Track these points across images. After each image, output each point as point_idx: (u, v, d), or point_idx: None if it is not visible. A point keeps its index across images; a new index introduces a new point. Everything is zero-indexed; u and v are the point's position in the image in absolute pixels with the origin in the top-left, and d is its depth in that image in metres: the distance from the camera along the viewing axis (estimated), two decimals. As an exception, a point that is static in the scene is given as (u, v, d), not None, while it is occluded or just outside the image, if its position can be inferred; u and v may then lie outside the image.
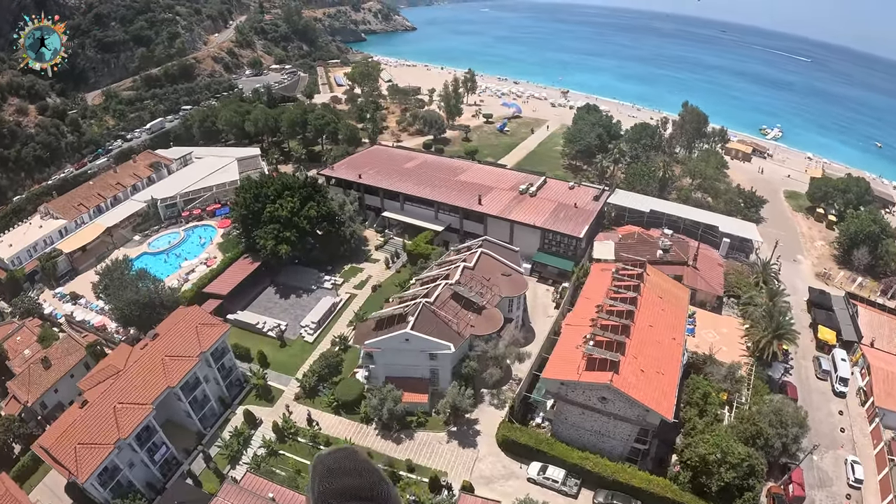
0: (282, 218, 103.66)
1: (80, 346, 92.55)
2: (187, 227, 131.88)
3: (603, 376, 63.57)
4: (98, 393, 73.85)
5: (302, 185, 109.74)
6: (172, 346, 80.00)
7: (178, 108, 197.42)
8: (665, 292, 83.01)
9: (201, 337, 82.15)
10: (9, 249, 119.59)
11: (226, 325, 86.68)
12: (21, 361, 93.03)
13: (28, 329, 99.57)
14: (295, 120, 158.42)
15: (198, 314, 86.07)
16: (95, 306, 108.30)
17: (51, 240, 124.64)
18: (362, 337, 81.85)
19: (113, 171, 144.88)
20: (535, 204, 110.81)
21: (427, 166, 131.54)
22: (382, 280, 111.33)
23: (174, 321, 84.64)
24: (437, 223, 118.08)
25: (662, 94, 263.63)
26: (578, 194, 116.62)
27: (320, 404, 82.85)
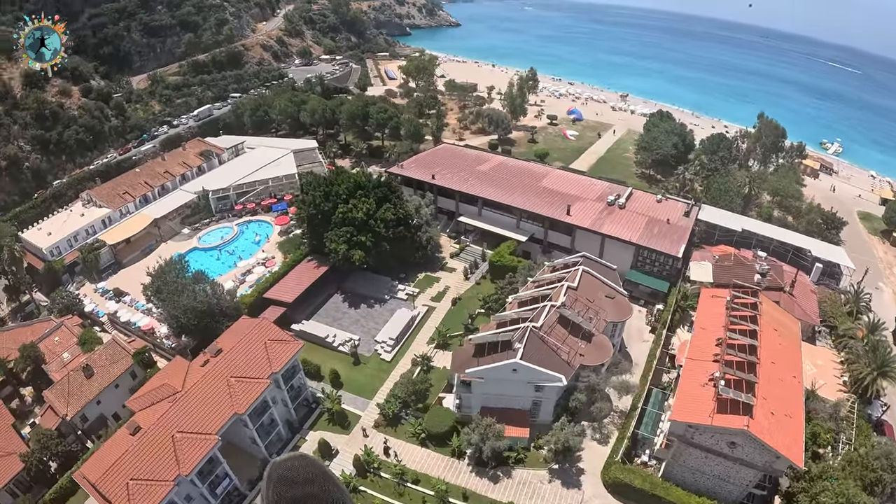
0: (356, 220, 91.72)
1: (127, 354, 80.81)
2: (240, 221, 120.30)
3: (737, 421, 57.17)
4: (153, 418, 61.92)
5: (377, 184, 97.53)
6: (239, 366, 68.20)
7: (226, 96, 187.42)
8: (779, 324, 73.48)
9: (272, 355, 70.22)
10: (47, 238, 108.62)
11: (298, 343, 74.80)
12: (59, 366, 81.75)
13: (67, 328, 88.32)
14: (355, 112, 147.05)
15: (266, 328, 74.11)
16: (142, 305, 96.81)
17: (93, 229, 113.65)
18: (461, 364, 71.11)
19: (161, 158, 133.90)
20: (626, 217, 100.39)
21: (503, 169, 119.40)
22: (462, 292, 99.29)
23: (238, 335, 72.66)
24: (518, 232, 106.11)
25: (717, 102, 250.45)
26: (668, 208, 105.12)
27: (403, 433, 73.43)
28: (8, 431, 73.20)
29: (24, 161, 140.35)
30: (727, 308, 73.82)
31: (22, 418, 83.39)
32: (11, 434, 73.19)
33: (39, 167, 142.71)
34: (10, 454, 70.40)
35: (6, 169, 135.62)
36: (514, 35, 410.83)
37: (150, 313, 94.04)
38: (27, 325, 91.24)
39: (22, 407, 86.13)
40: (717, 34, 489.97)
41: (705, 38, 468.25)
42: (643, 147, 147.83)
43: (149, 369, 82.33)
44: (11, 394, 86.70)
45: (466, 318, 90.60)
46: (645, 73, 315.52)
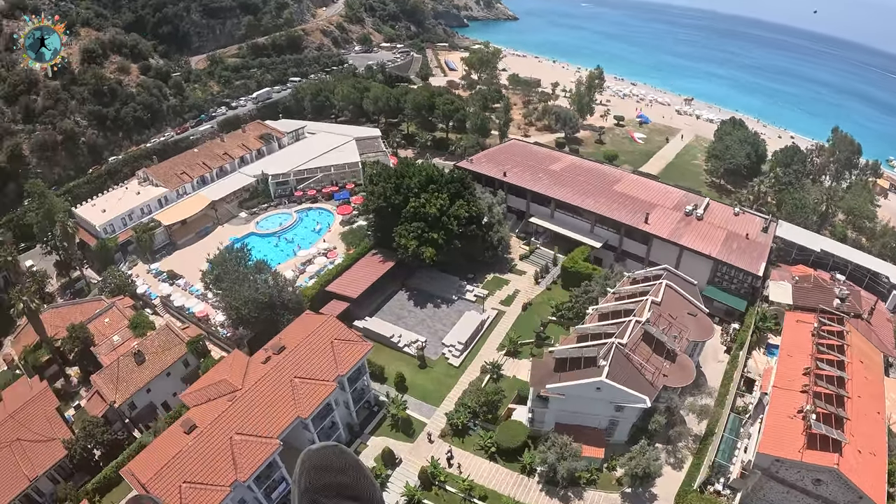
0: (429, 216, 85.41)
1: (181, 341, 75.71)
2: (300, 208, 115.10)
3: (827, 458, 54.37)
4: (210, 416, 56.37)
5: (450, 179, 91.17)
6: (303, 366, 62.51)
7: (285, 79, 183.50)
8: (865, 355, 68.51)
9: (339, 356, 64.44)
10: (102, 215, 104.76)
11: (367, 344, 69.01)
12: (108, 348, 77.07)
13: (118, 310, 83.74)
14: (421, 102, 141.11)
15: (333, 326, 68.25)
16: (196, 290, 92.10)
17: (149, 209, 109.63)
18: (542, 379, 65.25)
19: (220, 139, 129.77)
20: (704, 229, 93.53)
21: (576, 170, 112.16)
22: (532, 297, 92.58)
23: (303, 331, 66.88)
24: (592, 237, 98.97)
25: (782, 111, 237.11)
26: (745, 223, 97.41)
27: (470, 445, 68.25)
28: (52, 415, 68.62)
29: (81, 136, 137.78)
30: (813, 335, 69.80)
31: (66, 399, 79.54)
32: (56, 418, 68.64)
33: (95, 143, 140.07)
34: (52, 440, 65.97)
35: (62, 143, 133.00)
36: (573, 31, 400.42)
37: (205, 299, 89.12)
38: (77, 304, 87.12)
39: (67, 387, 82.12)
40: (780, 39, 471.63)
41: (768, 43, 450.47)
42: (714, 155, 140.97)
43: (202, 359, 77.28)
44: (57, 373, 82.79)
45: (538, 325, 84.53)
46: (705, 76, 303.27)
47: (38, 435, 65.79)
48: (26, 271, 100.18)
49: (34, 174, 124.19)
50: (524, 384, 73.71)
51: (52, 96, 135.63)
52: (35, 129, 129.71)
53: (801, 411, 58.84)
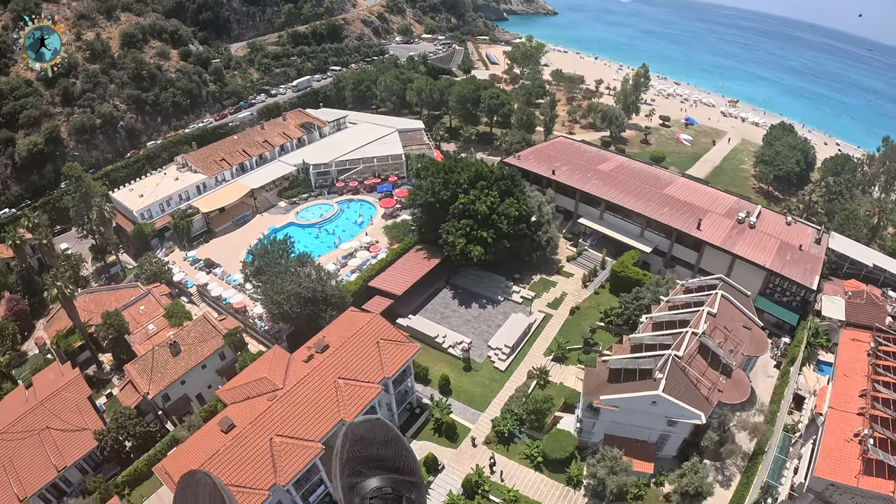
0: (478, 213, 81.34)
1: (217, 333, 72.64)
2: (341, 199, 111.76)
3: (883, 485, 53.29)
4: (249, 416, 53.05)
5: (500, 175, 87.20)
6: (348, 366, 59.06)
7: (325, 68, 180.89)
8: None
9: (385, 358, 60.74)
10: (139, 201, 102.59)
11: (414, 345, 65.45)
12: (143, 337, 74.47)
13: (154, 298, 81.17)
14: (466, 95, 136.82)
15: (378, 325, 64.66)
16: (234, 280, 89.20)
17: (187, 195, 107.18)
18: (596, 389, 62.02)
19: (260, 126, 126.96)
20: (756, 238, 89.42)
21: (625, 171, 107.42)
22: (580, 301, 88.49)
23: (347, 330, 63.41)
24: (642, 242, 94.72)
25: (828, 118, 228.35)
26: (797, 233, 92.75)
27: (515, 454, 65.19)
28: (84, 405, 66.02)
29: (119, 120, 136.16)
30: (869, 355, 68.49)
31: (98, 386, 77.39)
32: (87, 408, 66.07)
33: (134, 127, 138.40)
34: (83, 430, 63.43)
35: (101, 127, 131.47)
36: (614, 28, 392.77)
37: (243, 290, 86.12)
38: (112, 290, 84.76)
39: (99, 374, 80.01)
40: (824, 43, 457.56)
41: (813, 46, 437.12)
42: (763, 160, 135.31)
43: (240, 352, 74.14)
44: (89, 359, 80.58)
45: (587, 331, 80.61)
46: (750, 78, 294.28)
47: (69, 424, 63.26)
48: (61, 254, 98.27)
49: (72, 157, 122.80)
50: (572, 392, 71.01)
51: (91, 80, 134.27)
52: (73, 112, 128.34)
53: (857, 435, 57.56)
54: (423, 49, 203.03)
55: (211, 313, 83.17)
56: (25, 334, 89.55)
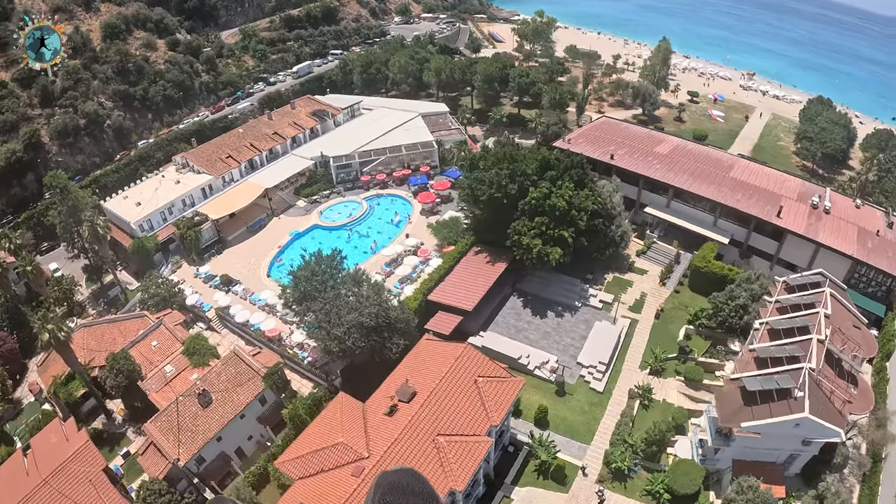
0: (558, 209, 66.85)
1: (254, 373, 57.73)
2: (367, 195, 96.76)
3: None
4: (331, 498, 38.06)
5: (570, 164, 73.03)
6: (446, 418, 45.02)
7: (325, 52, 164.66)
8: None
9: (487, 400, 46.89)
10: (136, 210, 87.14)
11: (517, 380, 52.16)
12: (160, 381, 59.79)
13: (167, 330, 66.32)
14: (492, 74, 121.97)
15: (471, 358, 50.87)
16: (258, 299, 74.28)
17: (191, 200, 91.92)
18: (733, 414, 50.91)
19: (267, 117, 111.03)
20: (835, 225, 79.09)
21: (684, 153, 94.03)
22: (663, 302, 75.34)
23: (432, 367, 49.81)
24: (716, 231, 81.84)
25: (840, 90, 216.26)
26: (869, 217, 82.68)
27: (634, 490, 54.05)
28: (99, 480, 50.95)
29: (106, 119, 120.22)
30: None
31: (110, 443, 62.87)
32: (104, 484, 50.91)
33: (122, 125, 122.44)
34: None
35: (86, 128, 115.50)
36: (609, 2, 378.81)
37: (273, 311, 71.32)
38: (115, 322, 69.42)
39: (109, 426, 65.14)
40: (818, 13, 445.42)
41: (808, 16, 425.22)
42: (807, 137, 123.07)
43: (283, 394, 59.42)
44: (95, 408, 65.68)
45: (681, 337, 68.50)
46: (753, 50, 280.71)
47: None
48: (51, 278, 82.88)
49: (55, 164, 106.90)
50: (678, 411, 60.51)
51: (72, 76, 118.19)
52: (54, 114, 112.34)
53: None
54: (425, 29, 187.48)
55: (237, 343, 68.38)
56: (17, 377, 74.38)
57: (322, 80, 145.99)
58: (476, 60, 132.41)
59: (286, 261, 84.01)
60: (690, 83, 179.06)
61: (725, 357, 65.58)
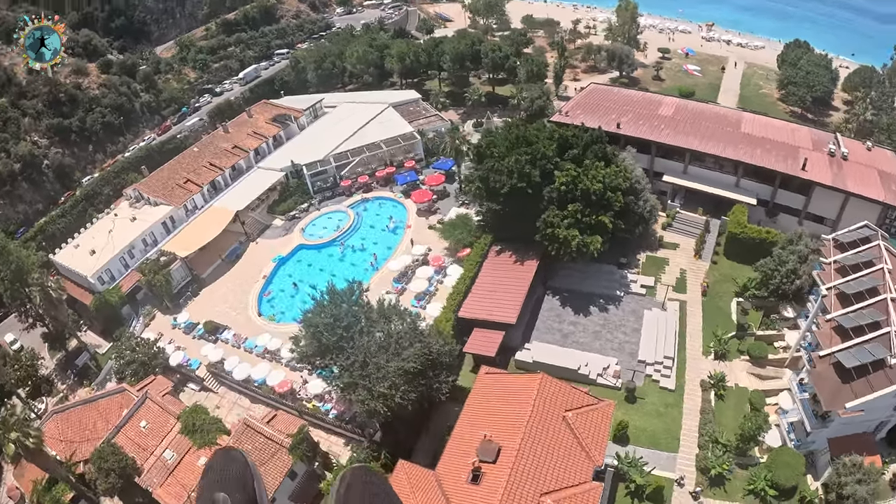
0: (593, 193, 56.26)
1: (278, 446, 45.77)
2: (352, 202, 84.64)
3: None
4: None
5: (591, 139, 62.36)
6: (544, 472, 35.65)
7: (270, 54, 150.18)
8: None
9: (584, 437, 37.16)
10: (92, 260, 73.48)
11: (607, 404, 41.82)
12: (161, 472, 47.53)
13: (155, 404, 53.42)
14: (462, 52, 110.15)
15: (550, 390, 39.48)
16: (254, 345, 61.99)
17: (153, 238, 78.65)
18: (835, 397, 45.26)
19: (223, 130, 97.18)
20: (857, 171, 73.67)
21: (689, 113, 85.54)
22: (705, 276, 67.01)
23: (506, 408, 38.47)
24: (741, 192, 73.78)
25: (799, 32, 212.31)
26: (884, 159, 77.25)
27: (735, 493, 47.38)
28: None
29: (43, 159, 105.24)
30: None
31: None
32: None
33: (62, 163, 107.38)
34: None
35: (22, 172, 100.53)
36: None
37: (276, 357, 59.24)
38: (91, 403, 56.41)
39: (106, 530, 52.35)
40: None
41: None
42: (793, 83, 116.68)
43: (316, 463, 47.60)
44: (85, 509, 53.03)
45: (736, 312, 61.41)
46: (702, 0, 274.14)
47: None
48: (10, 354, 69.11)
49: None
50: (755, 394, 54.06)
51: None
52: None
53: None
54: (371, 16, 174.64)
55: (242, 403, 56.28)
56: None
57: (273, 83, 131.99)
58: (441, 40, 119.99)
59: (276, 292, 72.05)
60: (654, 41, 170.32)
61: (781, 326, 59.39)
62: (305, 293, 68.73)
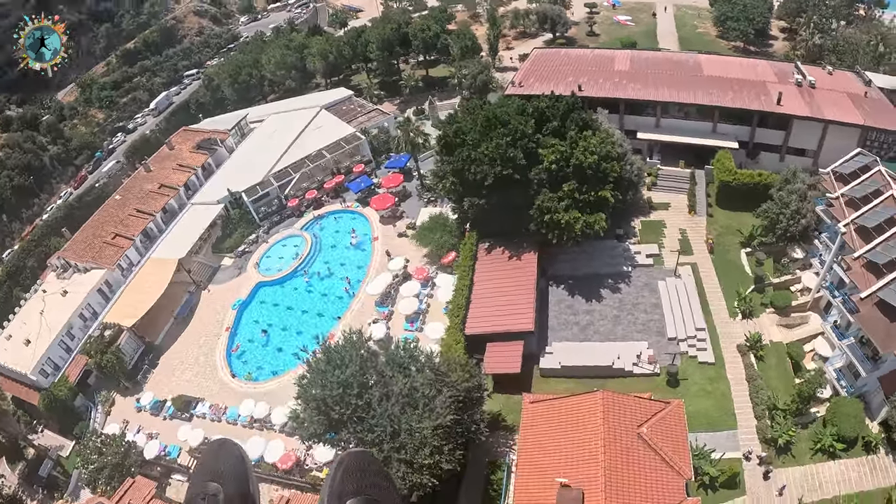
0: (589, 167, 48.20)
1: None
2: (306, 222, 74.39)
3: None
4: None
5: (568, 106, 53.59)
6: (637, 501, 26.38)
7: (180, 78, 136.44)
8: None
9: (665, 450, 34.52)
10: (27, 352, 61.56)
11: (676, 405, 37.01)
12: None
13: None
14: (390, 38, 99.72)
15: (615, 406, 33.47)
16: (237, 416, 52.01)
17: (91, 311, 67.03)
18: (887, 337, 42.24)
19: (144, 170, 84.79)
20: (828, 97, 70.80)
21: (647, 64, 79.62)
22: (705, 233, 62.33)
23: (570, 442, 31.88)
24: (720, 138, 69.86)
25: None
26: (844, 81, 74.38)
27: (802, 454, 43.94)
28: None
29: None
30: None
31: None
32: None
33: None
34: None
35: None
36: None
37: (267, 425, 49.52)
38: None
39: None
40: None
41: None
42: (732, 18, 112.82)
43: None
44: None
45: (749, 265, 58.25)
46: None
47: None
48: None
49: None
50: (794, 346, 50.31)
51: None
52: None
53: None
54: (279, 19, 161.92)
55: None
56: None
57: (189, 107, 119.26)
58: (362, 30, 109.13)
59: (245, 344, 61.74)
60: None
61: (793, 269, 56.52)
62: (280, 338, 59.25)
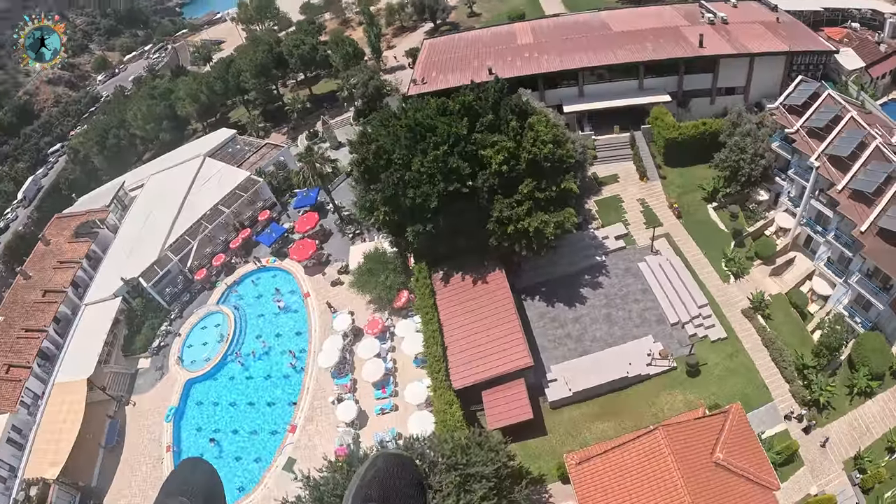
0: (546, 159, 39.90)
1: None
2: (218, 296, 62.12)
3: None
4: None
5: (497, 96, 44.14)
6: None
7: (44, 157, 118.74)
8: None
9: (746, 469, 29.22)
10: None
11: (735, 409, 34.07)
12: None
13: None
14: (264, 63, 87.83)
15: (679, 439, 28.63)
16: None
17: (7, 467, 52.70)
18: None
19: (23, 279, 69.45)
20: (746, 30, 69.36)
21: (552, 33, 74.61)
22: (665, 198, 58.07)
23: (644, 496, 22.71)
24: (650, 94, 66.57)
25: None
26: (753, 11, 73.37)
27: (840, 403, 41.40)
28: None
29: None
30: None
31: None
32: None
33: None
34: None
35: None
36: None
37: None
38: None
39: None
40: None
41: None
42: None
43: None
44: None
45: (720, 220, 55.00)
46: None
47: None
48: None
49: None
50: (795, 294, 48.94)
51: None
52: None
53: None
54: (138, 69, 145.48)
55: None
56: None
57: (60, 188, 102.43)
58: (231, 60, 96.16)
59: (188, 459, 49.46)
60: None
61: (763, 212, 55.19)
62: (233, 443, 47.94)
